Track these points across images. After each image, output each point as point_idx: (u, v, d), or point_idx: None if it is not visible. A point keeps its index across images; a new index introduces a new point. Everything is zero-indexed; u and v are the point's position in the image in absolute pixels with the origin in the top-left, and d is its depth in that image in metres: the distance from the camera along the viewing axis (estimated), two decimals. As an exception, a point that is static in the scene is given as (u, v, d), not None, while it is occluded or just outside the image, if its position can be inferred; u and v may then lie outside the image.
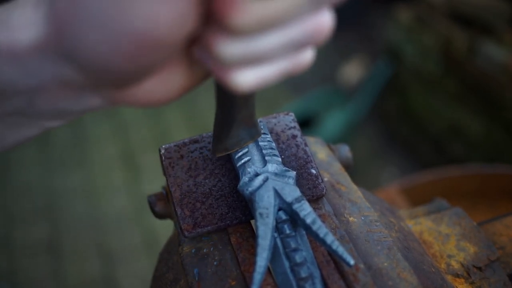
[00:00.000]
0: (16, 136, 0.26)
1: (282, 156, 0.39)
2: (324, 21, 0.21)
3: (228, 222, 0.36)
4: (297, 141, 0.40)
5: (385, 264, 0.34)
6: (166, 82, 0.23)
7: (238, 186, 0.34)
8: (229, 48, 0.20)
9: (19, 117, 0.24)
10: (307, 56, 0.23)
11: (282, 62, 0.22)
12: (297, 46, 0.21)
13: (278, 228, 0.33)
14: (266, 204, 0.32)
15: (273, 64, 0.22)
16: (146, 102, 0.24)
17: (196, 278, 0.34)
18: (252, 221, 0.36)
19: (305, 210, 0.32)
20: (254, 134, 0.34)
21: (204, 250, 0.36)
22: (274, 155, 0.36)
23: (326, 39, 0.22)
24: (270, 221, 0.32)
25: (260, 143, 0.36)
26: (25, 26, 0.21)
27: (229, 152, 0.35)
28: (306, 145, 0.40)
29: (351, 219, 0.37)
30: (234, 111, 0.29)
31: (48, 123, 0.26)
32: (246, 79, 0.22)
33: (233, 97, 0.27)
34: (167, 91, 0.24)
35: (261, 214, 0.32)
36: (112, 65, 0.20)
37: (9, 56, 0.21)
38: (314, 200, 0.37)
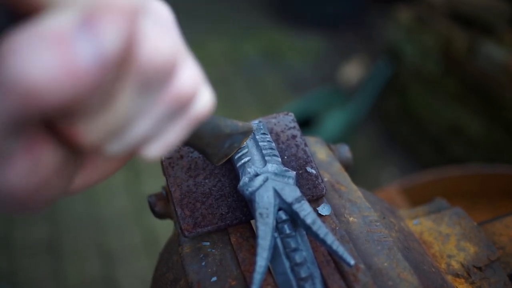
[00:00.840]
0: None
1: (285, 157, 0.39)
2: (181, 85, 0.20)
3: (228, 222, 0.36)
4: (297, 141, 0.40)
5: (385, 264, 0.34)
6: (95, 172, 0.23)
7: (238, 186, 0.34)
8: (111, 150, 0.20)
9: None
10: (201, 105, 0.23)
11: (176, 127, 0.22)
12: (174, 115, 0.21)
13: (278, 228, 0.33)
14: (266, 204, 0.32)
15: (169, 132, 0.22)
16: (85, 187, 0.24)
17: (196, 278, 0.34)
18: (252, 221, 0.36)
19: (305, 210, 0.32)
20: (240, 138, 0.34)
21: (204, 250, 0.36)
22: (274, 155, 0.36)
23: (196, 92, 0.21)
24: (270, 221, 0.32)
25: (260, 143, 0.36)
26: None
27: (227, 158, 0.35)
28: (306, 145, 0.40)
29: (351, 219, 0.37)
30: (194, 144, 0.30)
31: None
32: (153, 152, 0.22)
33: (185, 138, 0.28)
34: (101, 174, 0.24)
35: (261, 214, 0.32)
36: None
37: None
38: (314, 200, 0.37)
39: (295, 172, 0.35)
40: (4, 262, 1.58)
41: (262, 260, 0.30)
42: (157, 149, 0.22)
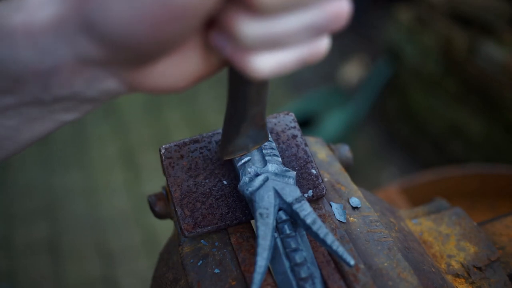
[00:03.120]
0: (31, 132, 0.26)
1: (285, 157, 0.39)
2: (342, 6, 0.22)
3: (228, 222, 0.36)
4: (297, 141, 0.40)
5: (385, 264, 0.34)
6: (181, 66, 0.23)
7: (238, 186, 0.34)
8: (251, 28, 0.20)
9: (35, 108, 0.24)
10: (324, 43, 0.23)
11: (300, 48, 0.22)
12: (316, 30, 0.22)
13: (278, 228, 0.33)
14: (266, 204, 0.32)
15: (292, 50, 0.22)
16: (159, 87, 0.24)
17: (196, 278, 0.34)
18: (252, 221, 0.36)
19: (305, 210, 0.32)
20: (261, 137, 0.34)
21: (204, 250, 0.36)
22: (274, 155, 0.36)
23: (344, 25, 0.23)
24: (270, 221, 0.32)
25: (260, 143, 0.36)
26: (41, 5, 0.21)
27: (236, 156, 0.35)
28: (306, 145, 0.40)
29: (351, 219, 0.37)
30: (247, 105, 0.29)
31: (62, 116, 0.25)
32: (264, 64, 0.22)
33: (248, 88, 0.27)
34: (181, 76, 0.24)
35: (261, 214, 0.32)
36: (135, 35, 0.20)
37: (26, 36, 0.21)
38: (314, 200, 0.37)
39: (295, 172, 0.35)
40: (4, 262, 1.58)
41: (262, 260, 0.30)
42: (270, 63, 0.22)
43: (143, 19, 0.19)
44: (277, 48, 0.22)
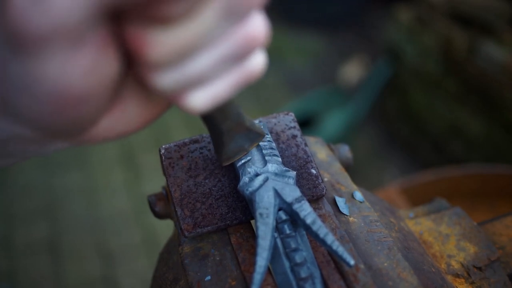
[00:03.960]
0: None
1: (285, 157, 0.39)
2: (253, 27, 0.20)
3: (228, 222, 0.36)
4: (297, 141, 0.40)
5: (385, 264, 0.34)
6: (123, 117, 0.23)
7: (238, 186, 0.34)
8: (162, 79, 0.20)
9: None
10: (256, 63, 0.22)
11: (229, 77, 0.21)
12: (234, 59, 0.21)
13: (278, 228, 0.33)
14: (266, 204, 0.32)
15: (220, 81, 0.21)
16: (110, 138, 0.24)
17: (196, 278, 0.34)
18: (252, 221, 0.36)
19: (305, 210, 0.32)
20: (254, 138, 0.34)
21: (204, 250, 0.36)
22: (274, 155, 0.36)
23: (264, 42, 0.21)
24: (270, 221, 0.32)
25: (260, 143, 0.36)
26: None
27: (234, 160, 0.35)
28: (306, 145, 0.40)
29: (351, 219, 0.37)
30: (217, 124, 0.29)
31: (26, 157, 0.26)
32: (197, 101, 0.21)
33: (209, 113, 0.27)
34: (128, 124, 0.23)
35: (261, 214, 0.32)
36: (50, 122, 0.20)
37: None
38: (314, 200, 0.37)
39: (295, 172, 0.35)
40: (4, 262, 1.58)
41: (262, 260, 0.30)
42: (202, 98, 0.21)
43: (47, 111, 0.19)
44: (203, 85, 0.21)
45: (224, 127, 0.30)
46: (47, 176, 1.85)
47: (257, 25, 0.20)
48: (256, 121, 0.40)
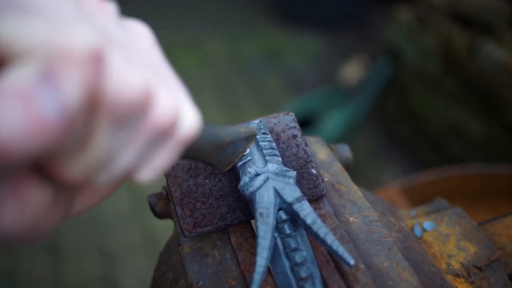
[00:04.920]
0: None
1: (285, 157, 0.39)
2: (157, 116, 0.20)
3: (228, 222, 0.36)
4: (297, 141, 0.40)
5: (385, 264, 0.34)
6: (87, 203, 0.24)
7: (239, 186, 0.34)
8: (100, 180, 0.20)
9: None
10: (186, 128, 0.22)
11: (162, 152, 0.22)
12: (157, 142, 0.21)
13: (278, 228, 0.33)
14: (266, 204, 0.32)
15: (155, 158, 0.22)
16: (86, 210, 0.24)
17: (196, 278, 0.34)
18: (252, 221, 0.36)
19: (306, 210, 0.32)
20: (244, 143, 0.33)
21: (204, 250, 0.36)
22: (275, 155, 0.36)
23: (174, 120, 0.21)
24: (271, 221, 0.32)
25: (261, 143, 0.36)
26: None
27: (232, 164, 0.34)
28: (306, 145, 0.40)
29: (351, 219, 0.37)
30: (192, 155, 0.29)
31: None
32: (144, 177, 0.22)
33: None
34: (95, 201, 0.24)
35: (261, 214, 0.32)
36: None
37: None
38: (315, 200, 0.37)
39: (295, 172, 0.35)
40: (4, 262, 1.58)
41: (262, 260, 0.30)
42: (148, 174, 0.22)
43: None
44: (142, 166, 0.22)
45: (200, 155, 0.29)
46: (47, 176, 1.85)
47: (163, 110, 0.20)
48: (256, 121, 0.40)
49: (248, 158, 0.35)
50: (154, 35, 0.24)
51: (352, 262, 0.30)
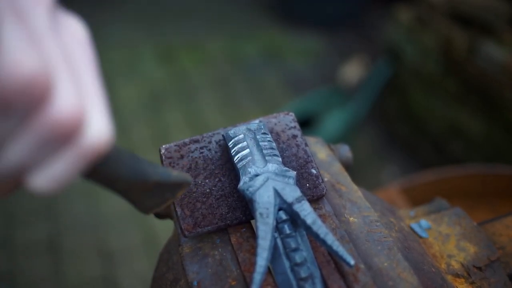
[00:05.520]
0: None
1: (285, 157, 0.39)
2: (53, 114, 0.18)
3: (228, 222, 0.36)
4: (297, 141, 0.40)
5: (385, 264, 0.34)
6: None
7: (239, 186, 0.34)
8: None
9: None
10: (94, 137, 0.20)
11: (64, 158, 0.20)
12: (54, 143, 0.19)
13: (278, 228, 0.33)
14: (266, 204, 0.32)
15: (56, 163, 0.20)
16: None
17: (196, 279, 0.34)
18: (252, 221, 0.36)
19: (306, 210, 0.32)
20: (174, 189, 0.29)
21: (204, 250, 0.36)
22: (275, 155, 0.36)
23: (74, 126, 0.19)
24: (271, 221, 0.32)
25: (261, 143, 0.36)
26: None
27: (156, 210, 0.31)
28: (306, 145, 0.40)
29: (351, 219, 0.37)
30: (108, 186, 0.26)
31: None
32: (39, 183, 0.20)
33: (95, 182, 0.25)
34: None
35: (261, 214, 0.32)
36: None
37: None
38: (315, 200, 0.37)
39: (295, 172, 0.35)
40: (4, 262, 1.58)
41: (262, 260, 0.30)
42: (44, 180, 0.20)
43: None
44: (37, 168, 0.20)
45: (118, 187, 0.26)
46: (47, 176, 1.85)
47: (62, 108, 0.18)
48: (257, 121, 0.40)
49: (248, 158, 0.35)
50: (90, 35, 0.22)
51: (352, 262, 0.30)
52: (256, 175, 0.34)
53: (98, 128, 0.20)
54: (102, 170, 0.24)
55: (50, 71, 0.18)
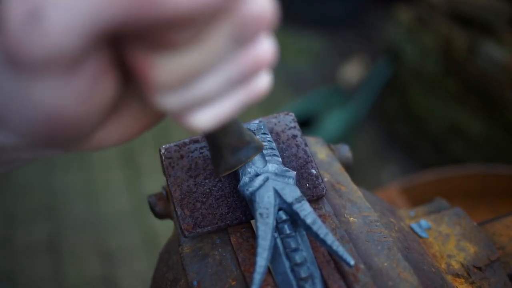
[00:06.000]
0: None
1: (285, 157, 0.39)
2: (261, 50, 0.20)
3: (228, 222, 0.36)
4: (297, 141, 0.40)
5: (385, 264, 0.34)
6: (119, 129, 0.22)
7: (239, 186, 0.34)
8: (165, 101, 0.19)
9: None
10: (261, 84, 0.22)
11: (233, 97, 0.21)
12: (240, 81, 0.20)
13: (278, 228, 0.33)
14: (266, 204, 0.32)
15: (225, 101, 0.21)
16: (105, 146, 0.23)
17: (196, 279, 0.34)
18: (252, 221, 0.36)
19: (306, 210, 0.32)
20: (252, 151, 0.33)
21: (204, 250, 0.36)
22: (275, 155, 0.36)
23: (271, 64, 0.21)
24: (270, 221, 0.32)
25: (260, 143, 0.36)
26: None
27: (232, 170, 0.34)
28: (306, 145, 0.40)
29: (351, 219, 0.37)
30: (218, 140, 0.29)
31: (21, 165, 0.25)
32: (201, 120, 0.21)
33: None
34: (124, 134, 0.23)
35: (261, 214, 0.32)
36: (42, 139, 0.19)
37: None
38: (314, 200, 0.37)
39: (295, 172, 0.35)
40: (4, 262, 1.58)
41: (262, 260, 0.30)
42: (206, 118, 0.21)
43: (39, 131, 0.19)
44: (208, 105, 0.20)
45: (224, 142, 0.30)
46: (47, 176, 1.85)
47: (265, 48, 0.20)
48: (256, 121, 0.40)
49: (248, 158, 0.35)
50: None
51: (352, 262, 0.30)
52: (256, 175, 0.34)
53: (267, 78, 0.22)
54: (225, 124, 0.27)
55: (273, 12, 0.19)
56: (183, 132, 1.97)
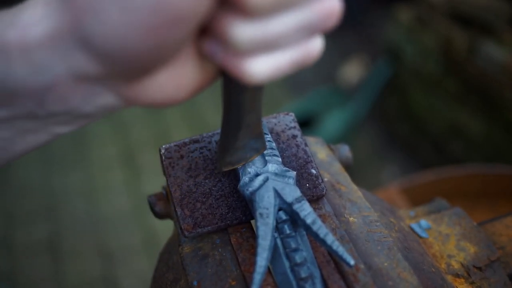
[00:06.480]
0: (25, 143, 0.26)
1: (285, 157, 0.39)
2: (333, 4, 0.22)
3: (228, 222, 0.36)
4: (297, 141, 0.40)
5: (385, 264, 0.34)
6: (177, 77, 0.23)
7: (239, 186, 0.34)
8: (243, 31, 0.20)
9: (29, 121, 0.24)
10: (317, 44, 0.23)
11: (294, 49, 0.22)
12: (309, 30, 0.22)
13: (278, 228, 0.33)
14: (266, 204, 0.32)
15: (286, 51, 0.22)
16: (157, 100, 0.24)
17: (196, 279, 0.34)
18: (252, 221, 0.36)
19: (306, 211, 0.32)
20: (259, 146, 0.34)
21: (204, 250, 0.36)
22: (274, 155, 0.36)
23: (335, 23, 0.22)
24: (270, 221, 0.32)
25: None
26: (36, 21, 0.21)
27: (234, 167, 0.34)
28: (306, 145, 0.40)
29: (351, 219, 0.37)
30: (242, 113, 0.28)
31: (57, 129, 0.25)
32: (259, 68, 0.22)
33: (242, 96, 0.27)
34: (178, 87, 0.24)
35: (261, 214, 0.32)
36: (131, 44, 0.20)
37: (21, 53, 0.21)
38: (314, 200, 0.37)
39: (295, 172, 0.35)
40: (4, 262, 1.58)
41: (262, 260, 0.30)
42: (265, 66, 0.22)
43: (138, 27, 0.19)
44: (271, 51, 0.22)
45: (247, 118, 0.29)
46: (47, 176, 1.85)
47: (336, 3, 0.22)
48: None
49: (248, 158, 0.35)
50: None
51: (352, 262, 0.30)
52: (256, 175, 0.34)
53: (321, 41, 0.24)
54: (259, 93, 0.27)
55: None
56: (183, 132, 1.97)
